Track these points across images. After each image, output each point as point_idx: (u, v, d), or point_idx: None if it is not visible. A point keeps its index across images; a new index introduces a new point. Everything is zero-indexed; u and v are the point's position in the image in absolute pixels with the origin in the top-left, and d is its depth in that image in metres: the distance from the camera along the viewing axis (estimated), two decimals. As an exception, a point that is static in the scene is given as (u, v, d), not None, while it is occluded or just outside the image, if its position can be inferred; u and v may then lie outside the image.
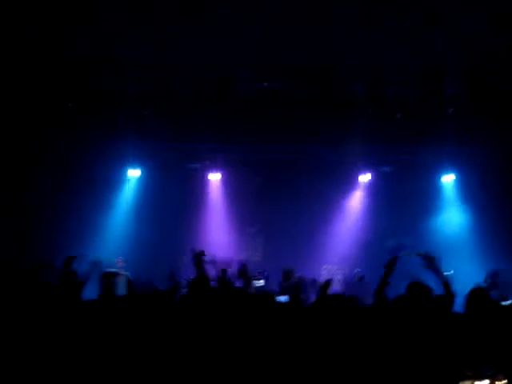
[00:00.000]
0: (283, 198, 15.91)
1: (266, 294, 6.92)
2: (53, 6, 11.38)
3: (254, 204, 15.99)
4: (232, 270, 9.83)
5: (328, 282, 7.35)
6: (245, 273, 8.60)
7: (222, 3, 11.53)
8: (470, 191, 15.09)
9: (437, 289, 6.24)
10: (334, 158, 15.47)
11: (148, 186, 16.37)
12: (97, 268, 7.36)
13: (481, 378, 5.29)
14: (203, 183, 16.70)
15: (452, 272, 9.12)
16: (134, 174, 16.50)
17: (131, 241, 15.65)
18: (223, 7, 11.50)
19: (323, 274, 15.84)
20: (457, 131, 13.59)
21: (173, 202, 15.94)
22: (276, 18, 11.42)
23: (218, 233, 16.39)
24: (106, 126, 14.43)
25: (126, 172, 16.42)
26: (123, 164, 16.23)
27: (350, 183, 16.21)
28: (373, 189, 16.08)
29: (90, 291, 7.30)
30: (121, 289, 7.57)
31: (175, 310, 6.50)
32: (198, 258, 7.28)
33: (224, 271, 9.14)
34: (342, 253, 15.89)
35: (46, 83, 13.17)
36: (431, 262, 6.31)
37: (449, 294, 6.18)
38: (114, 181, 16.16)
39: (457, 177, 15.56)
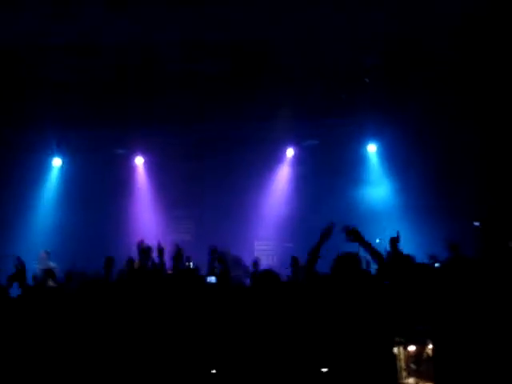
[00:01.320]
0: (211, 178, 15.88)
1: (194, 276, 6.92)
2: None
3: (182, 186, 15.88)
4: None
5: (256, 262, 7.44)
6: (180, 256, 8.53)
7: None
8: (392, 159, 15.33)
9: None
10: (259, 133, 15.48)
11: (73, 174, 16.06)
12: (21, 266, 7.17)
13: (410, 344, 5.42)
14: (129, 168, 16.55)
15: (379, 241, 9.27)
16: (57, 163, 16.20)
17: (60, 232, 15.39)
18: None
19: (257, 250, 15.95)
20: (377, 101, 13.76)
21: (99, 190, 15.65)
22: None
23: (148, 217, 16.29)
24: (27, 116, 14.11)
25: (50, 162, 16.11)
26: (46, 154, 15.92)
27: (276, 158, 16.29)
28: (300, 162, 16.17)
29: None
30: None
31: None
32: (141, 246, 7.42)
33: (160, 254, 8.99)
34: (273, 228, 15.98)
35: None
36: (354, 235, 6.28)
37: (380, 262, 6.20)
38: (37, 172, 15.82)
39: (380, 146, 15.78)
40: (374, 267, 6.54)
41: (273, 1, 11.21)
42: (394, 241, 7.82)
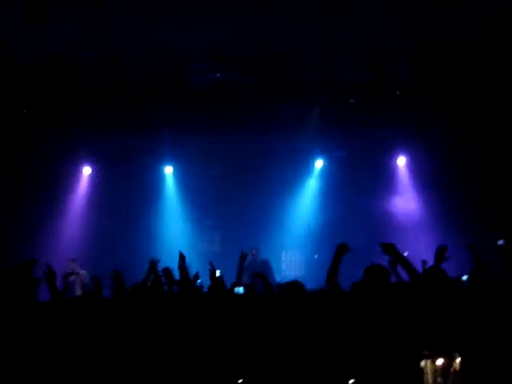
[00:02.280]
0: (239, 188, 15.85)
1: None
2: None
3: (210, 196, 15.93)
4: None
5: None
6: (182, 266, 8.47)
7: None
8: (421, 173, 15.25)
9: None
10: (288, 145, 15.54)
11: (102, 182, 16.22)
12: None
13: (437, 357, 5.41)
14: (158, 178, 16.62)
15: (407, 254, 9.22)
16: (87, 171, 16.37)
17: (89, 240, 15.59)
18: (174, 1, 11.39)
19: (283, 260, 15.95)
20: (406, 114, 13.76)
21: (128, 199, 15.78)
22: (226, 7, 11.34)
23: (176, 227, 16.36)
24: (57, 126, 14.30)
25: (80, 171, 16.29)
26: (77, 162, 16.09)
27: (304, 169, 16.23)
28: (328, 174, 16.12)
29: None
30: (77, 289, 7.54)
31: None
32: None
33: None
34: (301, 239, 15.97)
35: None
36: (390, 250, 6.26)
37: (414, 277, 6.17)
38: (68, 180, 15.99)
39: (408, 159, 15.71)
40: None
41: (301, 15, 11.30)
42: (442, 254, 7.58)
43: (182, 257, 7.60)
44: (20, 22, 11.16)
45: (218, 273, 9.33)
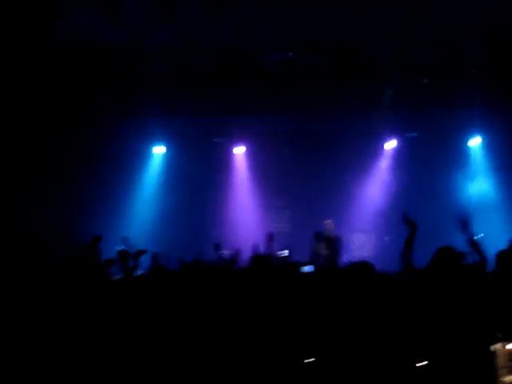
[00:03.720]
0: (310, 169, 15.84)
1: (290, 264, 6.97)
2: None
3: (280, 176, 15.95)
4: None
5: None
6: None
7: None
8: (497, 154, 14.93)
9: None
10: (359, 126, 15.39)
11: (173, 162, 16.47)
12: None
13: (510, 341, 5.31)
14: (228, 157, 16.75)
15: (482, 235, 9.04)
16: (159, 151, 16.59)
17: (160, 218, 15.87)
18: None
19: (353, 241, 15.86)
20: (481, 94, 13.44)
21: (199, 178, 15.95)
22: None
23: (245, 207, 16.46)
24: (130, 105, 14.51)
25: (151, 150, 16.53)
26: (148, 142, 16.34)
27: (376, 150, 16.09)
28: (400, 155, 15.94)
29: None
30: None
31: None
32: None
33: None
34: (372, 220, 15.86)
35: (74, 73, 13.32)
36: (466, 226, 6.21)
37: (481, 258, 6.11)
38: (139, 159, 16.26)
39: (483, 140, 15.39)
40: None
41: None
42: None
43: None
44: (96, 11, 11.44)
45: (286, 252, 9.39)
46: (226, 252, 10.45)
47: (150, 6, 11.56)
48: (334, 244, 12.91)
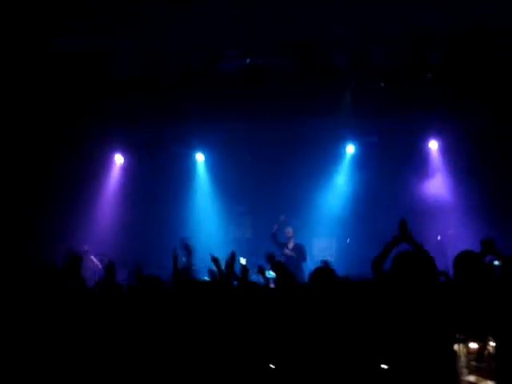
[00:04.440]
0: (270, 174, 15.84)
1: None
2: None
3: (241, 182, 15.93)
4: None
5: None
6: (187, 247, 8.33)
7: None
8: (454, 158, 15.11)
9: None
10: (319, 130, 15.45)
11: (134, 170, 16.40)
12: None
13: (471, 340, 5.37)
14: (190, 164, 16.72)
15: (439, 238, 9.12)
16: (118, 159, 16.49)
17: (121, 227, 15.75)
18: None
19: (315, 246, 15.93)
20: (439, 98, 13.61)
21: (159, 186, 15.94)
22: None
23: (207, 214, 16.44)
24: (91, 113, 14.44)
25: (112, 158, 16.43)
26: (109, 151, 16.24)
27: (336, 155, 16.16)
28: (360, 159, 16.05)
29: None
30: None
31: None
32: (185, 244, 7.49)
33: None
34: (332, 225, 15.93)
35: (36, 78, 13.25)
36: (404, 228, 6.23)
37: (423, 256, 6.10)
38: (99, 168, 16.16)
39: (441, 144, 15.55)
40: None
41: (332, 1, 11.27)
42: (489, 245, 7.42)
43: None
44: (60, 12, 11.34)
45: (243, 260, 9.32)
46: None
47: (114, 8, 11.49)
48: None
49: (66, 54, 13.05)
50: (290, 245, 14.06)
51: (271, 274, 8.14)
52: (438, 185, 15.36)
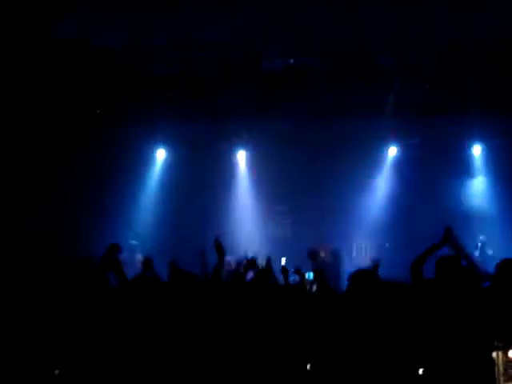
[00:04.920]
0: (312, 174, 15.82)
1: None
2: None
3: (282, 181, 15.91)
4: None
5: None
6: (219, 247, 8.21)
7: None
8: (497, 162, 14.94)
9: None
10: (362, 132, 15.36)
11: (176, 166, 16.42)
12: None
13: (509, 348, 5.33)
14: (231, 162, 16.76)
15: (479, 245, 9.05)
16: (161, 155, 16.63)
17: (162, 223, 15.84)
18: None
19: (354, 247, 15.88)
20: (485, 102, 13.45)
21: (201, 182, 15.97)
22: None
23: (248, 212, 16.46)
24: (133, 110, 14.55)
25: (154, 154, 16.56)
26: (151, 146, 16.37)
27: (379, 156, 16.09)
28: (401, 161, 15.95)
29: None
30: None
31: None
32: (218, 243, 7.45)
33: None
34: (374, 227, 15.85)
35: (75, 76, 13.36)
36: (449, 236, 6.20)
37: (472, 267, 6.09)
38: (141, 164, 16.27)
39: (484, 148, 15.38)
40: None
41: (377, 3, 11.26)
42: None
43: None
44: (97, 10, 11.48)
45: (283, 261, 9.28)
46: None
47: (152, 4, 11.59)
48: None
49: (106, 51, 13.18)
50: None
51: (311, 276, 8.13)
52: (479, 190, 15.22)
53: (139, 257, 13.03)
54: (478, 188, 15.32)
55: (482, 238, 13.74)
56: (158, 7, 11.79)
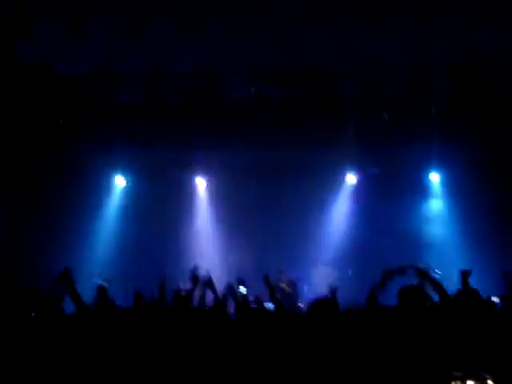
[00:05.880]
0: (272, 202, 15.84)
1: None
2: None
3: (242, 208, 15.88)
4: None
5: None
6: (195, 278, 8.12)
7: (210, 12, 11.58)
8: (456, 189, 15.11)
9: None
10: (321, 160, 15.43)
11: (136, 193, 16.34)
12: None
13: (469, 379, 5.31)
14: (191, 189, 16.68)
15: (440, 273, 9.12)
16: (120, 181, 16.51)
17: (120, 251, 15.69)
18: (212, 16, 11.55)
19: (315, 276, 15.85)
20: (442, 130, 13.63)
21: (161, 209, 15.88)
22: (262, 23, 11.44)
23: (207, 240, 16.38)
24: (94, 136, 14.47)
25: (113, 180, 16.44)
26: (111, 173, 16.25)
27: (337, 185, 16.15)
28: (360, 189, 16.04)
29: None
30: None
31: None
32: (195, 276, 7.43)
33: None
34: (333, 254, 15.85)
35: (36, 102, 13.26)
36: (424, 274, 6.24)
37: (445, 298, 6.10)
38: (100, 192, 16.15)
39: (443, 175, 15.56)
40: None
41: (336, 32, 11.35)
42: (466, 275, 7.43)
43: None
44: (60, 35, 11.41)
45: (243, 290, 9.21)
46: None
47: (118, 28, 11.58)
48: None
49: (68, 78, 13.13)
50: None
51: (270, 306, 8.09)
52: (439, 218, 15.36)
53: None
54: (435, 213, 15.45)
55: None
56: (122, 34, 11.77)
